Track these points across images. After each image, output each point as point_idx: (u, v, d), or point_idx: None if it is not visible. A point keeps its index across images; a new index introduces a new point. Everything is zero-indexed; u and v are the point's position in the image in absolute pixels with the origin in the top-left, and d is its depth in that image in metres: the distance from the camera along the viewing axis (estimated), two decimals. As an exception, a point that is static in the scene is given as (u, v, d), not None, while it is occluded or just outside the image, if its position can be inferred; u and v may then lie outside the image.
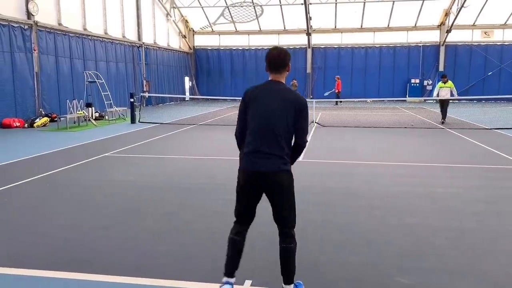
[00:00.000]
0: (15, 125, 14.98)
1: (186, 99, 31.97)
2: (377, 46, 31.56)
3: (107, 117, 17.68)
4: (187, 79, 32.88)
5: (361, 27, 31.25)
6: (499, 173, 7.87)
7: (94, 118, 16.63)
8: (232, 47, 33.35)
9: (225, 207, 5.31)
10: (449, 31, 29.17)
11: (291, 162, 3.28)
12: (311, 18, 28.99)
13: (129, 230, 4.90)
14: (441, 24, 30.37)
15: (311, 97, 30.45)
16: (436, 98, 17.05)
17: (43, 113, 16.69)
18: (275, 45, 3.47)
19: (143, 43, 25.85)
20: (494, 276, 3.76)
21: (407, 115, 19.71)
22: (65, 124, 14.95)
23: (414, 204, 5.90)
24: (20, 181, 7.13)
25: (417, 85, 30.62)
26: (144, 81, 25.92)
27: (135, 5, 25.27)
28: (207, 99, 30.96)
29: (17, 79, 15.83)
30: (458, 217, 5.34)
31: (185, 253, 4.21)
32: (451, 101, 19.51)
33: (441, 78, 16.68)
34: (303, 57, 32.28)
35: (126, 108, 19.55)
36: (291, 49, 32.34)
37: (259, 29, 32.57)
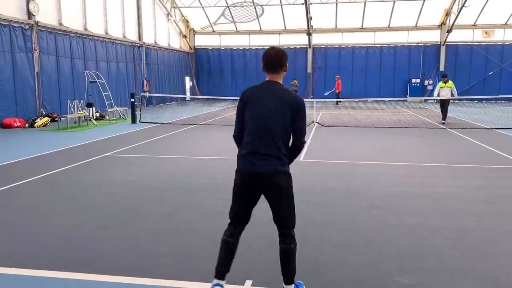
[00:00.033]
0: (16, 125, 15.00)
1: (186, 99, 31.98)
2: (377, 46, 31.56)
3: (107, 117, 17.70)
4: (187, 79, 32.90)
5: (362, 27, 31.24)
6: (500, 173, 7.86)
7: (94, 118, 16.64)
8: (232, 47, 33.35)
9: (225, 207, 5.25)
10: (449, 31, 29.16)
11: (289, 162, 3.25)
12: (311, 18, 29.01)
13: (129, 230, 4.91)
14: (441, 24, 30.36)
15: (311, 97, 30.44)
16: (436, 98, 17.01)
17: (44, 113, 16.71)
18: (272, 45, 3.42)
19: (144, 43, 25.87)
20: (494, 276, 3.76)
21: (407, 115, 19.70)
22: (66, 124, 14.97)
23: (414, 204, 5.90)
24: (20, 181, 7.14)
25: (418, 85, 30.62)
26: (144, 81, 25.94)
27: (135, 5, 25.29)
28: (207, 99, 30.97)
29: (18, 79, 15.84)
30: (458, 217, 5.34)
31: (185, 253, 4.22)
32: (452, 101, 19.51)
33: (441, 78, 16.63)
34: (303, 57, 32.27)
35: (126, 108, 19.56)
36: (292, 49, 32.36)
37: (259, 29, 32.56)
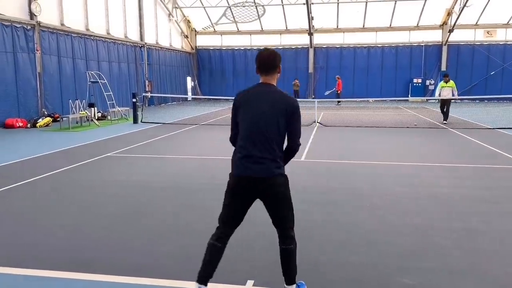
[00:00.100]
0: (18, 125, 15.03)
1: (188, 99, 32.00)
2: (379, 45, 31.53)
3: (109, 117, 17.71)
4: (189, 79, 32.91)
5: (363, 26, 31.22)
6: (503, 173, 7.85)
7: (96, 118, 16.66)
8: (234, 47, 33.36)
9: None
10: (451, 31, 29.12)
11: (283, 164, 3.20)
12: (313, 18, 29.00)
13: (129, 230, 4.92)
14: (443, 23, 30.31)
15: (313, 97, 30.44)
16: (438, 98, 16.97)
17: (46, 113, 16.75)
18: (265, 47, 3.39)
19: (145, 43, 25.90)
20: (496, 276, 3.75)
21: (409, 115, 19.68)
22: (68, 124, 14.99)
23: (417, 204, 5.89)
24: (22, 181, 7.16)
25: (419, 84, 30.60)
26: (146, 81, 25.97)
27: (137, 5, 25.32)
28: (209, 99, 30.98)
29: (20, 79, 15.88)
30: (461, 217, 5.33)
31: (185, 254, 4.22)
32: (453, 101, 19.47)
33: (443, 77, 16.60)
34: (305, 57, 32.26)
35: (128, 108, 19.57)
36: (293, 49, 32.38)
37: (261, 29, 32.56)
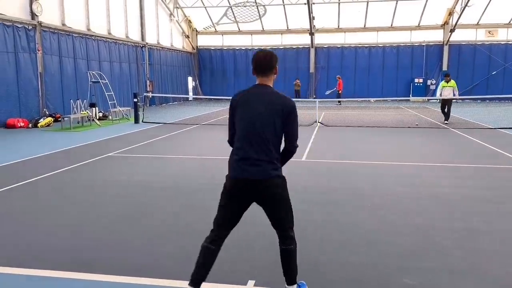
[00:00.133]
0: (19, 125, 15.06)
1: (189, 99, 32.03)
2: (380, 45, 31.51)
3: (110, 117, 17.74)
4: (190, 79, 32.94)
5: (365, 26, 31.20)
6: (505, 173, 7.84)
7: (97, 118, 16.68)
8: (235, 47, 33.37)
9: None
10: (452, 31, 29.07)
11: (281, 165, 3.18)
12: (314, 17, 28.99)
13: (130, 230, 4.93)
14: (444, 23, 30.28)
15: (314, 96, 30.45)
16: (439, 97, 16.93)
17: (47, 113, 16.77)
18: (260, 48, 3.36)
19: (147, 43, 25.92)
20: (496, 276, 3.75)
21: (411, 115, 19.66)
22: (69, 124, 15.02)
23: (418, 204, 5.89)
24: (24, 181, 7.17)
25: (421, 84, 30.57)
26: (147, 81, 26.00)
27: (138, 6, 25.34)
28: (210, 99, 31.00)
29: (21, 80, 15.92)
30: (463, 217, 5.32)
31: (186, 254, 4.22)
32: (454, 101, 19.43)
33: (444, 77, 16.57)
34: (306, 57, 32.26)
35: (129, 108, 19.60)
36: (294, 49, 32.38)
37: (262, 29, 32.56)
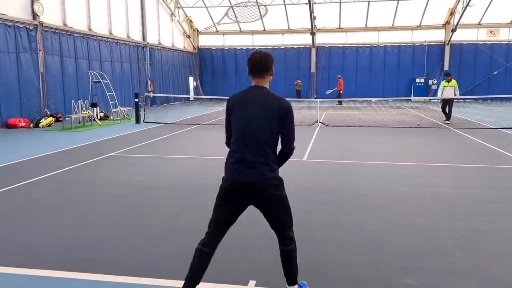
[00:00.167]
0: (21, 125, 15.08)
1: (190, 99, 32.04)
2: (381, 45, 31.47)
3: (112, 117, 17.76)
4: (191, 79, 32.94)
5: (366, 26, 31.17)
6: (506, 173, 7.82)
7: (99, 118, 16.70)
8: (236, 47, 33.36)
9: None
10: (454, 30, 29.03)
11: (278, 166, 3.15)
12: (315, 17, 28.98)
13: (131, 230, 4.93)
14: (446, 23, 30.23)
15: (315, 96, 30.43)
16: (440, 97, 16.90)
17: (48, 113, 16.78)
18: (256, 50, 3.36)
19: (148, 43, 25.93)
20: (498, 276, 3.74)
21: (412, 115, 19.63)
22: (70, 124, 15.03)
23: (420, 204, 5.88)
24: (24, 181, 7.18)
25: (422, 84, 30.51)
26: (148, 81, 26.01)
27: (139, 5, 25.35)
28: (211, 99, 30.99)
29: (23, 80, 15.93)
30: (465, 217, 5.32)
31: (186, 254, 4.21)
32: (456, 101, 19.38)
33: (445, 77, 16.53)
34: (307, 57, 32.23)
35: (130, 108, 19.61)
36: (296, 48, 32.37)
37: (263, 29, 32.55)
